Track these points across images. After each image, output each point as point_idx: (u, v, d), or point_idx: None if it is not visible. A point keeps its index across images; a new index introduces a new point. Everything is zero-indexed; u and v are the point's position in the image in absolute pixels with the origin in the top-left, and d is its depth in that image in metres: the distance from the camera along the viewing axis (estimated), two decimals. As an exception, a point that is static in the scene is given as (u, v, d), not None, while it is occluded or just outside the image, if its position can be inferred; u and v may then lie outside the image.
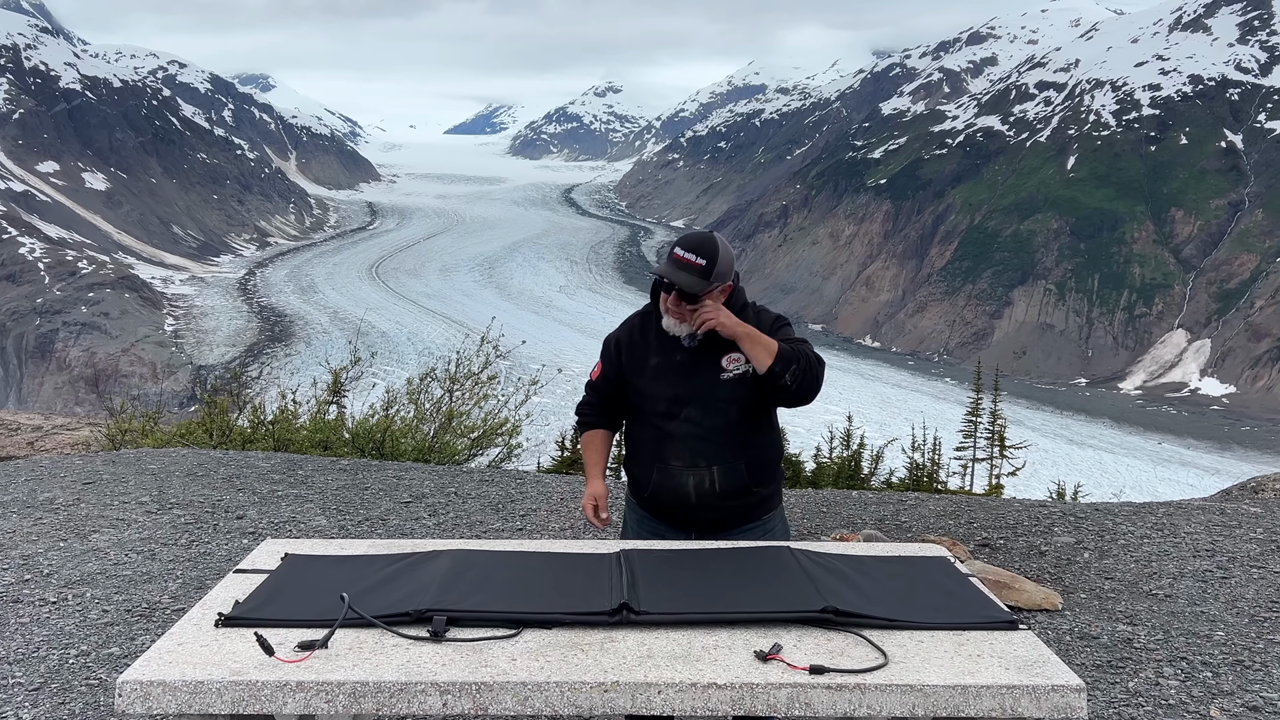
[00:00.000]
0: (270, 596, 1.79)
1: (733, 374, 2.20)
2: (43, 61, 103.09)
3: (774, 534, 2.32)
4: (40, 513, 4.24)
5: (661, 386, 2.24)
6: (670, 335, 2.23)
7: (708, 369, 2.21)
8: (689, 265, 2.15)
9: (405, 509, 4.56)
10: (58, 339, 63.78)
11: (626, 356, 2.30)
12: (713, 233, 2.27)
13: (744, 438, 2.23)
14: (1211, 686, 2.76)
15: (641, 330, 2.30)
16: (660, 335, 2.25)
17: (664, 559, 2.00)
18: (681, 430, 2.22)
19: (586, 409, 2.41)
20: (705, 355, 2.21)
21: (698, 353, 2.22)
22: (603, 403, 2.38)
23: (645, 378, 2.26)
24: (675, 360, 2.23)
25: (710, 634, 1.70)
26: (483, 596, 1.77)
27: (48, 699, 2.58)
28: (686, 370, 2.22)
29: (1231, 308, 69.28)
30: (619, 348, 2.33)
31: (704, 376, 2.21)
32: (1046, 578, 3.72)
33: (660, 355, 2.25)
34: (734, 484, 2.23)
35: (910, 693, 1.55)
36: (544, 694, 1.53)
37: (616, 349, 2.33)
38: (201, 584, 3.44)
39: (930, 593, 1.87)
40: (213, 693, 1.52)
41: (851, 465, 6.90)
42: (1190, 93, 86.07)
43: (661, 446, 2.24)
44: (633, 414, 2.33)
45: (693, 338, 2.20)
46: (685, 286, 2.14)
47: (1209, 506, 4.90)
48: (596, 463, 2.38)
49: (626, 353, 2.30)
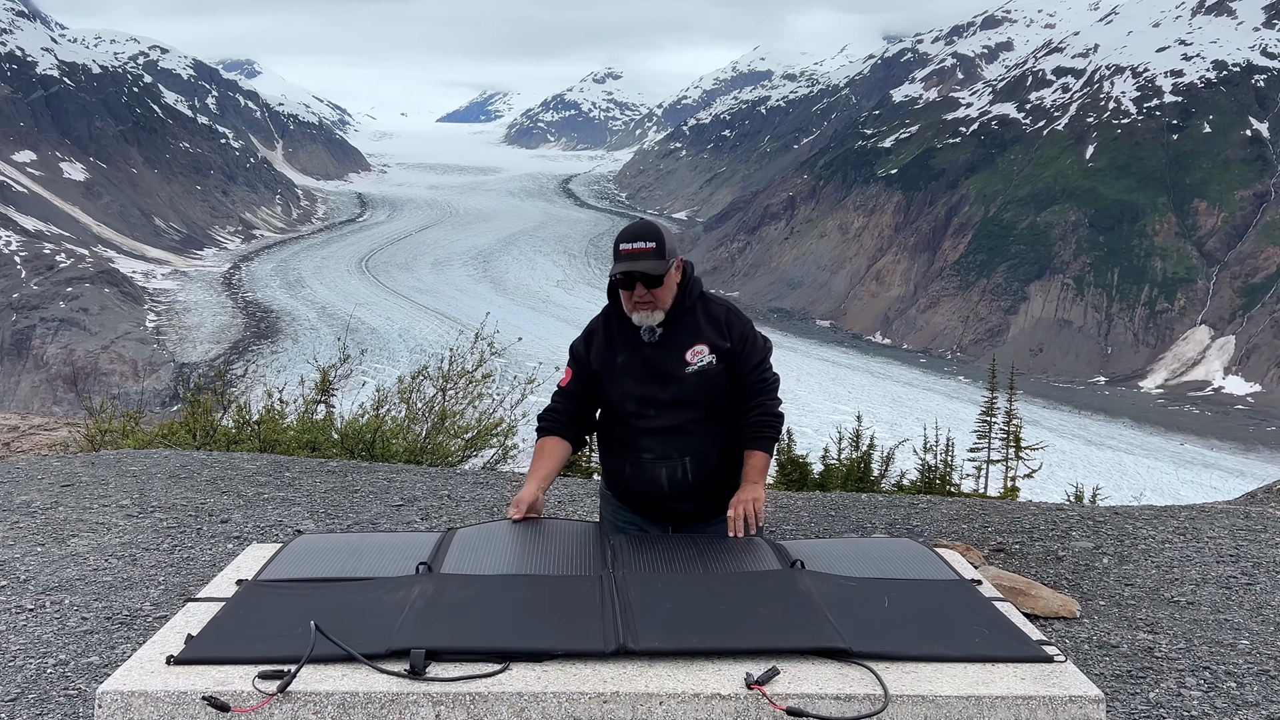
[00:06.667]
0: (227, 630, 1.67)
1: (697, 366, 2.27)
2: (19, 46, 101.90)
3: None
4: (17, 516, 4.18)
5: (630, 383, 2.29)
6: (633, 332, 2.29)
7: (673, 363, 2.27)
8: (642, 253, 2.20)
9: (396, 512, 4.53)
10: (35, 335, 64.64)
11: (595, 357, 2.34)
12: (646, 219, 2.34)
13: (714, 428, 2.29)
14: (1236, 697, 2.72)
15: (605, 331, 2.36)
16: (624, 333, 2.31)
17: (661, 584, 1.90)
18: (652, 425, 2.27)
19: (550, 417, 2.41)
20: (670, 349, 2.28)
21: (662, 347, 2.28)
22: (572, 409, 2.40)
23: (614, 376, 2.31)
24: (641, 356, 2.29)
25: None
26: (465, 627, 1.66)
27: (25, 709, 2.55)
28: (652, 365, 2.28)
29: (1257, 303, 68.96)
30: (587, 348, 2.37)
31: (670, 372, 2.27)
32: (1064, 584, 3.69)
33: (626, 352, 2.30)
34: (707, 473, 2.29)
35: (922, 704, 1.50)
36: (541, 705, 1.49)
37: (585, 350, 2.37)
38: (184, 590, 3.37)
39: (954, 622, 1.76)
40: (196, 704, 1.47)
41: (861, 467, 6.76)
42: (1214, 79, 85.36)
43: (634, 440, 2.30)
44: (603, 412, 2.38)
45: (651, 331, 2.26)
46: (650, 271, 2.19)
47: (1233, 510, 4.85)
48: (540, 468, 2.36)
49: (594, 353, 2.35)
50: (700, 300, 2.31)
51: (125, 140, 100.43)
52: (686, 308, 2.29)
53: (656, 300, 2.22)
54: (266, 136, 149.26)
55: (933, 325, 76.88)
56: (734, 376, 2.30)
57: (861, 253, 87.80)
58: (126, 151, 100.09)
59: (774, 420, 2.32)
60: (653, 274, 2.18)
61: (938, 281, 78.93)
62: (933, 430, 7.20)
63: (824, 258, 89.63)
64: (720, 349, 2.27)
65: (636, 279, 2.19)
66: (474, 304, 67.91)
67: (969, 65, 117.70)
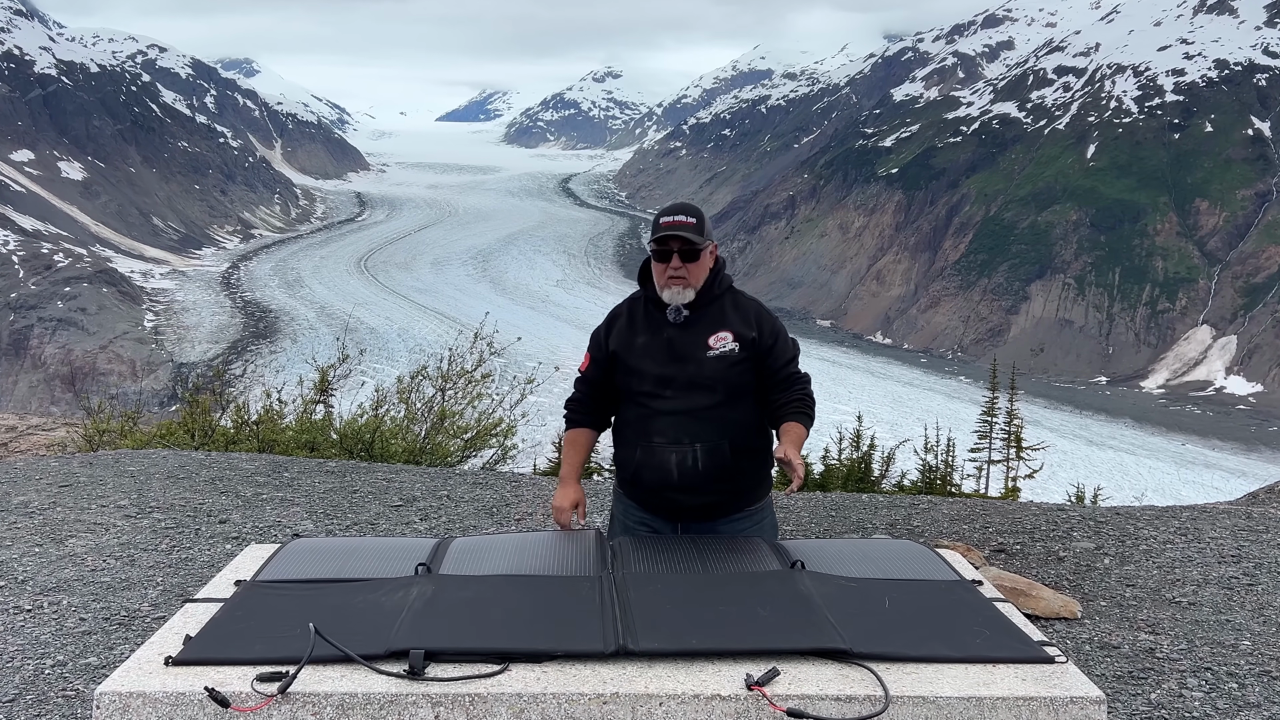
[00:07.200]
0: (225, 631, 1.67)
1: (718, 352, 2.25)
2: (17, 45, 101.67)
3: (763, 528, 2.35)
4: (15, 517, 4.18)
5: (648, 364, 2.28)
6: (659, 315, 2.29)
7: (694, 347, 2.26)
8: (682, 225, 2.22)
9: (395, 513, 4.52)
10: (32, 335, 64.46)
11: (615, 338, 2.34)
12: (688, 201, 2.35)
13: (728, 417, 2.26)
14: (1237, 698, 2.71)
15: (629, 313, 2.36)
16: (648, 315, 2.32)
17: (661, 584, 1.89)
18: (666, 407, 2.26)
19: (574, 405, 2.44)
20: (693, 333, 2.27)
21: (686, 330, 2.27)
22: (593, 395, 2.41)
23: (633, 356, 2.31)
24: (663, 338, 2.28)
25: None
26: (464, 628, 1.66)
27: (23, 711, 2.54)
28: (673, 348, 2.27)
29: (1258, 303, 68.84)
30: (608, 331, 2.38)
31: (690, 354, 2.26)
32: (1065, 585, 3.68)
33: (648, 334, 2.30)
34: (717, 463, 2.26)
35: (923, 705, 1.50)
36: (540, 706, 1.49)
37: (605, 333, 2.38)
38: (183, 591, 3.36)
39: (955, 623, 1.76)
40: (195, 705, 1.46)
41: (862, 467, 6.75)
42: (1216, 78, 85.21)
43: (646, 424, 2.28)
44: (621, 396, 2.36)
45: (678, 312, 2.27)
46: (689, 241, 2.21)
47: (1235, 510, 4.85)
48: (576, 465, 2.43)
49: (615, 335, 2.35)
50: (729, 291, 2.32)
51: (123, 139, 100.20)
52: (715, 295, 2.30)
53: (690, 276, 2.22)
54: (265, 136, 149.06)
55: (933, 325, 76.81)
56: (765, 372, 2.29)
57: (862, 252, 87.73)
58: (125, 151, 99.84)
59: (811, 402, 2.31)
60: (692, 244, 2.19)
61: (938, 281, 78.86)
62: (933, 430, 7.18)
63: (824, 257, 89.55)
64: (745, 338, 2.26)
65: (675, 250, 2.21)
66: (473, 304, 67.79)
67: (970, 64, 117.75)
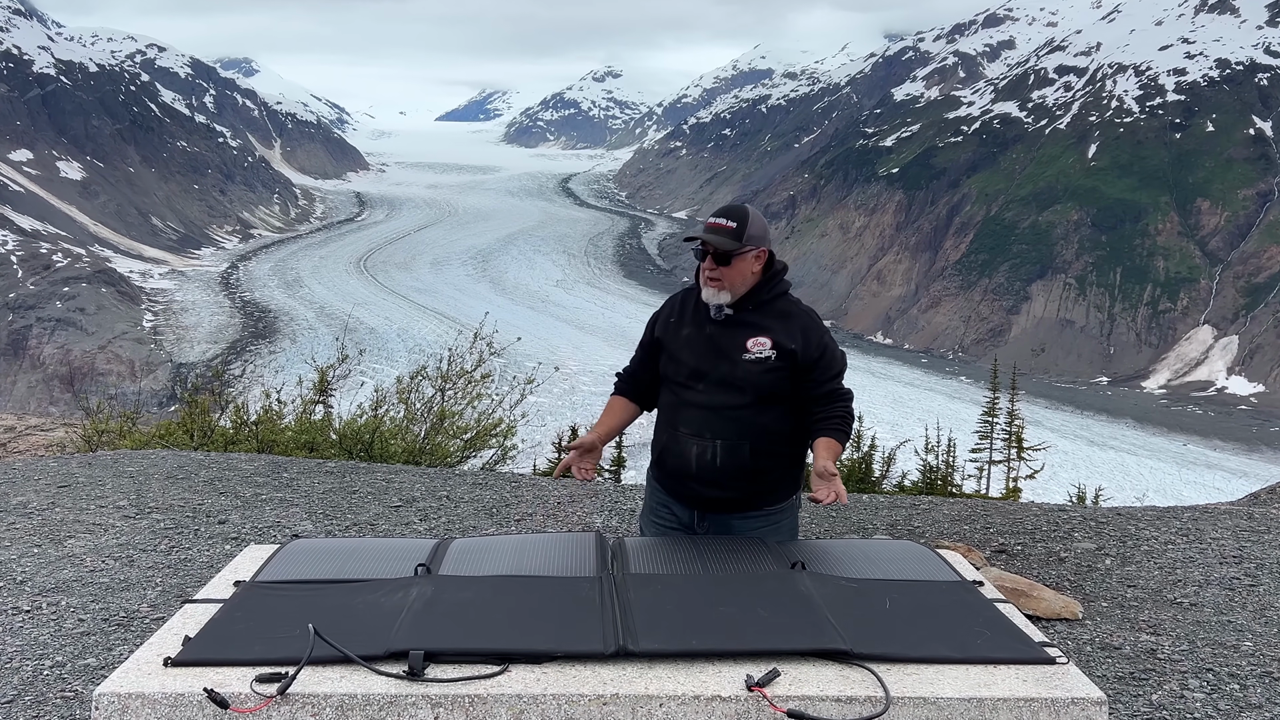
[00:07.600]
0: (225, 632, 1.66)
1: (754, 356, 2.28)
2: (15, 45, 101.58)
3: (780, 530, 2.36)
4: (13, 517, 4.17)
5: (686, 355, 2.35)
6: (703, 310, 2.34)
7: (732, 347, 2.30)
8: (720, 229, 2.28)
9: (395, 513, 4.51)
10: (31, 335, 64.36)
11: (663, 326, 2.43)
12: (746, 205, 2.38)
13: (753, 420, 2.28)
14: (1239, 699, 2.70)
15: (681, 303, 2.43)
16: (696, 309, 2.37)
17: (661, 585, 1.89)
18: (696, 399, 2.31)
19: (621, 374, 2.53)
20: (734, 333, 2.30)
21: (727, 328, 2.31)
22: (636, 371, 2.49)
23: (675, 346, 2.37)
24: (705, 333, 2.33)
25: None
26: (463, 628, 1.66)
27: (21, 712, 2.54)
28: (712, 344, 2.32)
29: (1260, 303, 68.95)
30: (659, 317, 2.46)
31: (727, 354, 2.30)
32: (1066, 585, 3.68)
33: (692, 327, 2.36)
34: (734, 462, 2.28)
35: (923, 705, 1.50)
36: (540, 706, 1.49)
37: (657, 317, 2.47)
38: (182, 592, 3.36)
39: (956, 623, 1.76)
40: (194, 706, 1.46)
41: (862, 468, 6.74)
42: (1217, 77, 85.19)
43: (676, 413, 2.35)
44: (662, 381, 2.44)
45: (719, 310, 2.31)
46: (718, 245, 2.26)
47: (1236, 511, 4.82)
48: (607, 424, 2.47)
49: (663, 322, 2.43)
50: (782, 298, 2.33)
51: (122, 139, 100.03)
52: (763, 300, 2.31)
53: (723, 279, 2.26)
54: (264, 135, 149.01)
55: (934, 325, 76.79)
56: (806, 384, 2.29)
57: (862, 252, 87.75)
58: (123, 150, 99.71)
59: (851, 419, 2.33)
60: (720, 249, 2.24)
61: (939, 281, 78.89)
62: (934, 431, 7.17)
63: (825, 257, 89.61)
64: (784, 348, 2.27)
65: (709, 251, 2.27)
66: (473, 304, 67.69)
67: (971, 64, 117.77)
